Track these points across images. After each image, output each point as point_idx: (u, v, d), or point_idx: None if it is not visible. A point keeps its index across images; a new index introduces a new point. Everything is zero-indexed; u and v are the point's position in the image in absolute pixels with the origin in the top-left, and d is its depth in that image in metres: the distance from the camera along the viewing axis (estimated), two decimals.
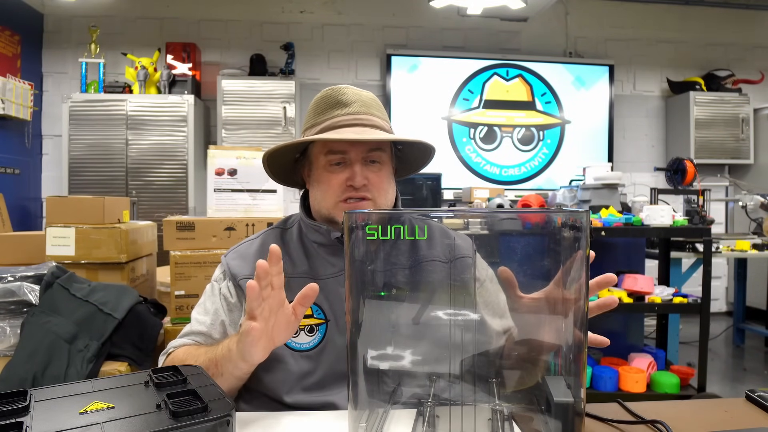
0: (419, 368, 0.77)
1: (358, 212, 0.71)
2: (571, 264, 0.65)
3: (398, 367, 0.76)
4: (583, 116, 5.18)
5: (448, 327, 0.73)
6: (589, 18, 5.26)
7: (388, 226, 0.69)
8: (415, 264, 0.82)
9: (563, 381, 0.69)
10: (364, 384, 0.73)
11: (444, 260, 0.92)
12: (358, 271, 0.72)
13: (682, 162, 3.74)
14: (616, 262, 3.07)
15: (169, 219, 2.16)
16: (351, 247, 0.70)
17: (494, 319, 0.82)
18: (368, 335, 0.73)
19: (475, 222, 0.69)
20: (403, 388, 0.78)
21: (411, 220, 0.74)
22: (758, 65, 5.44)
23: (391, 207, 1.08)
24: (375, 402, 0.76)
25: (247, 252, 1.08)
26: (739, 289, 4.21)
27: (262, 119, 4.45)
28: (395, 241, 0.72)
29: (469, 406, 0.73)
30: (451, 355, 0.72)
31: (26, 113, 4.08)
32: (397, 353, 0.76)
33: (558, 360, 0.70)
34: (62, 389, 0.72)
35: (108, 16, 4.57)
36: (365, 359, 0.73)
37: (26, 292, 1.86)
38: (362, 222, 0.70)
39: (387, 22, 5.00)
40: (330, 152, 1.01)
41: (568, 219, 0.65)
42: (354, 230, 0.70)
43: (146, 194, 4.20)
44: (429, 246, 0.92)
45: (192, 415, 0.62)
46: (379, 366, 0.75)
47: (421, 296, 0.78)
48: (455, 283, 0.76)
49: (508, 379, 0.76)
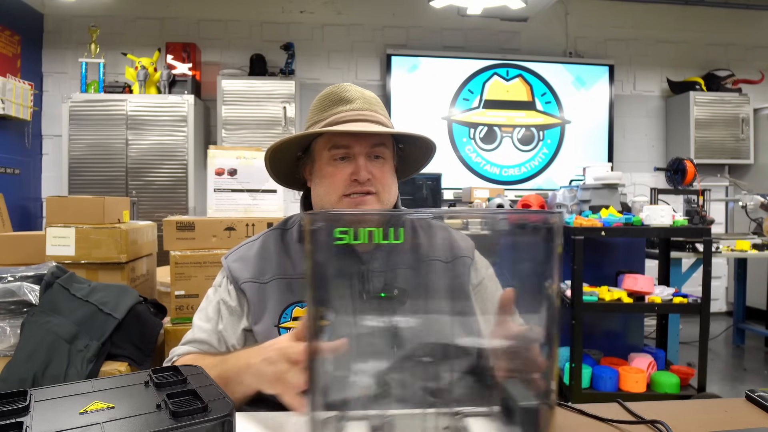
0: (376, 380, 0.73)
1: (318, 213, 0.67)
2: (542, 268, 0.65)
3: (359, 379, 0.72)
4: (583, 116, 5.18)
5: (414, 334, 0.71)
6: (589, 18, 5.26)
7: (359, 229, 0.65)
8: (391, 270, 0.77)
9: (522, 384, 0.68)
10: (322, 397, 0.69)
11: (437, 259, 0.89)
12: (321, 277, 0.66)
13: (682, 162, 3.74)
14: (616, 262, 3.08)
15: (169, 219, 2.16)
16: (314, 252, 0.65)
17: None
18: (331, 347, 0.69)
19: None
20: (360, 399, 0.74)
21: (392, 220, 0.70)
22: (758, 65, 5.44)
23: (393, 205, 1.07)
24: (332, 411, 0.72)
25: (248, 254, 1.08)
26: (739, 289, 4.21)
27: (262, 119, 4.45)
28: (369, 246, 0.69)
29: (426, 413, 0.71)
30: (409, 365, 0.70)
31: (26, 113, 4.08)
32: (359, 365, 0.73)
33: (529, 360, 0.69)
34: (62, 389, 0.72)
35: (108, 16, 4.57)
36: (325, 371, 0.69)
37: (26, 292, 1.86)
38: (328, 224, 0.65)
39: (387, 22, 5.00)
40: (334, 147, 1.01)
41: (541, 220, 0.64)
42: (317, 233, 0.65)
43: (146, 194, 4.20)
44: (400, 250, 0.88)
45: (192, 415, 0.62)
46: (338, 380, 0.72)
47: (396, 305, 0.74)
48: (432, 290, 0.73)
49: (477, 382, 0.73)
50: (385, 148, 1.04)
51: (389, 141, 1.05)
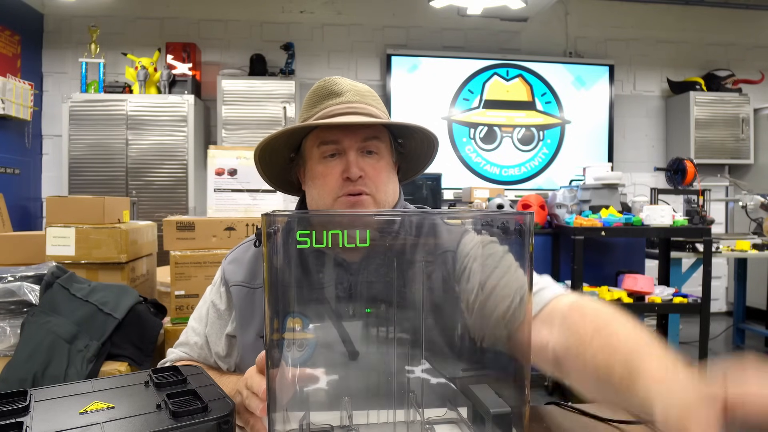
0: (340, 390, 0.71)
1: (279, 214, 0.60)
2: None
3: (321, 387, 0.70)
4: (583, 116, 5.18)
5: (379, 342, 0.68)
6: (589, 18, 5.26)
7: (323, 232, 0.59)
8: (354, 276, 0.73)
9: (491, 389, 0.68)
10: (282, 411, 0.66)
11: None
12: (280, 286, 0.62)
13: (682, 162, 3.74)
14: (616, 262, 3.08)
15: (169, 219, 2.16)
16: (271, 256, 0.60)
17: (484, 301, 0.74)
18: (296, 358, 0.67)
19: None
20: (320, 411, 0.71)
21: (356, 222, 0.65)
22: (758, 65, 5.44)
23: (393, 206, 0.97)
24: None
25: (243, 257, 1.02)
26: (739, 289, 4.21)
27: (262, 119, 4.45)
28: (332, 250, 0.63)
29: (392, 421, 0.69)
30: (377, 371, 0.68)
31: (26, 113, 4.08)
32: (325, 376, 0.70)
33: (502, 362, 0.69)
34: (62, 389, 0.72)
35: (108, 16, 4.57)
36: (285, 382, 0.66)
37: (26, 292, 1.86)
38: (288, 227, 0.59)
39: (387, 22, 5.00)
40: (323, 143, 0.93)
41: (511, 221, 0.64)
42: (273, 236, 0.59)
43: (146, 194, 4.20)
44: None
45: (192, 415, 0.62)
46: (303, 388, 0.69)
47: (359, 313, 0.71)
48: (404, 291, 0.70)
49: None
50: (380, 142, 0.94)
51: (384, 135, 0.96)
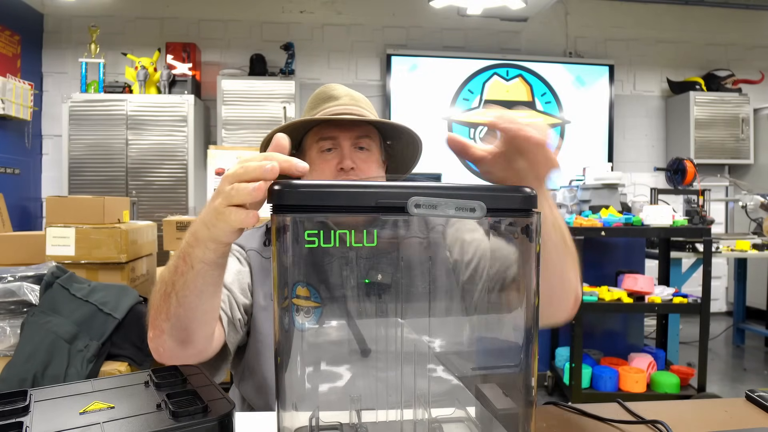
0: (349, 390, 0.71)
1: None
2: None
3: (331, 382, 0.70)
4: (583, 116, 5.18)
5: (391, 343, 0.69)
6: (589, 18, 5.26)
7: (331, 232, 0.59)
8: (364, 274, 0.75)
9: (499, 389, 0.68)
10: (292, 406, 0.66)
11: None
12: (284, 287, 0.60)
13: (682, 162, 3.74)
14: (616, 262, 3.08)
15: (169, 219, 2.16)
16: (280, 257, 0.58)
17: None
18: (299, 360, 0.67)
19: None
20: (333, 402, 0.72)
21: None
22: (758, 65, 5.44)
23: None
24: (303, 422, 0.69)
25: (255, 233, 1.09)
26: (739, 289, 4.21)
27: (262, 119, 4.45)
28: (341, 249, 0.64)
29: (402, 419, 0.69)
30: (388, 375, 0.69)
31: (26, 113, 4.08)
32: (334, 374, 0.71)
33: (509, 357, 0.68)
34: (62, 389, 0.72)
35: (108, 16, 4.57)
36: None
37: (26, 292, 1.86)
38: (295, 225, 0.58)
39: (387, 22, 5.00)
40: (321, 138, 1.06)
41: (519, 221, 0.64)
42: (282, 234, 0.58)
43: (146, 194, 4.20)
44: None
45: (192, 415, 0.62)
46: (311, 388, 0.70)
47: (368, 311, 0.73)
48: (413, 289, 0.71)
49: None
50: (371, 140, 1.07)
51: (375, 135, 1.09)
